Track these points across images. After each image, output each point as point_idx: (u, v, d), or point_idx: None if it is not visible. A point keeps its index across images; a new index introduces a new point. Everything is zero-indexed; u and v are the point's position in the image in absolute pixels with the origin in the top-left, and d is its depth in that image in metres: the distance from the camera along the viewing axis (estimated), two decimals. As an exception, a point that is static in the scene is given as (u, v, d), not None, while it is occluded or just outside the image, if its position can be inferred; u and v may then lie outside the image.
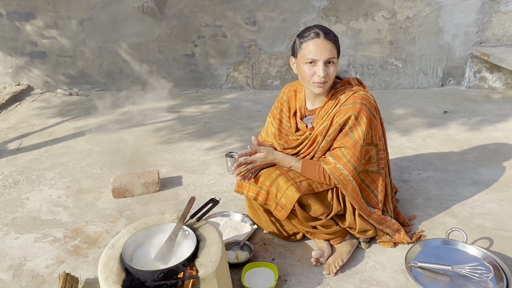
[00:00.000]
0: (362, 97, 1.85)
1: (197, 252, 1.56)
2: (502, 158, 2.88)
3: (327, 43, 1.79)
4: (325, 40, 1.79)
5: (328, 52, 1.79)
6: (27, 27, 4.22)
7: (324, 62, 1.79)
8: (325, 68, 1.80)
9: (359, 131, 1.84)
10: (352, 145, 1.84)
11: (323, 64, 1.79)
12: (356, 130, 1.84)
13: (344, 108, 1.85)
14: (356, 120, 1.83)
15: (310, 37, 1.80)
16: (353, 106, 1.83)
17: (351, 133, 1.84)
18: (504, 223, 2.19)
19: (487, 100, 4.00)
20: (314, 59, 1.80)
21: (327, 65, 1.81)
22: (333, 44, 1.81)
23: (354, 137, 1.84)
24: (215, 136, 3.38)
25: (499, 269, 1.79)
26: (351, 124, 1.84)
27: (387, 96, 4.16)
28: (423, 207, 2.36)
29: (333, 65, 1.83)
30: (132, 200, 2.51)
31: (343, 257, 1.93)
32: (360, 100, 1.84)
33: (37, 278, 1.92)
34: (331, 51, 1.79)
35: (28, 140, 3.36)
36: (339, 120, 1.84)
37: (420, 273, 1.80)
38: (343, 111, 1.85)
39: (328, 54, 1.79)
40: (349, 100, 1.85)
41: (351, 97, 1.86)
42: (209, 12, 4.16)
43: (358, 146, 1.84)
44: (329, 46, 1.79)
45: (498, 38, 4.13)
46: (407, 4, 4.02)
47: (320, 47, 1.78)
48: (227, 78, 4.47)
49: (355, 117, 1.83)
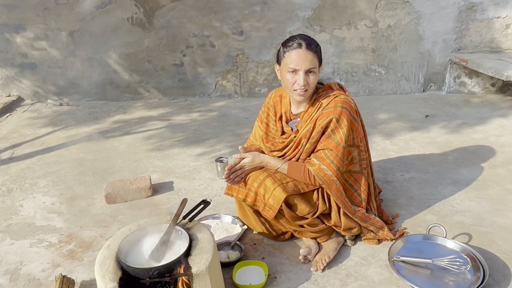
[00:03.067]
0: (343, 100, 1.96)
1: (190, 250, 1.63)
2: (481, 158, 3.00)
3: (308, 53, 1.89)
4: (306, 51, 1.89)
5: (309, 62, 1.89)
6: (17, 39, 4.28)
7: (304, 71, 1.89)
8: (306, 77, 1.90)
9: (340, 133, 1.93)
10: (335, 147, 1.93)
11: (304, 73, 1.89)
12: (338, 132, 1.94)
13: (326, 111, 1.94)
14: (337, 123, 1.93)
15: (293, 47, 1.90)
16: (334, 109, 1.93)
17: (333, 135, 1.94)
18: (482, 219, 2.31)
19: (467, 104, 4.16)
20: (295, 69, 1.90)
21: (307, 74, 1.91)
22: (314, 54, 1.90)
23: (336, 139, 1.93)
24: (204, 142, 3.46)
25: (476, 260, 1.90)
26: (333, 127, 1.93)
27: (371, 102, 4.29)
28: (405, 206, 2.46)
29: (314, 74, 1.92)
30: (125, 205, 2.57)
31: (329, 254, 2.02)
32: (341, 103, 1.94)
33: (34, 282, 1.97)
34: (311, 61, 1.89)
35: (20, 150, 3.40)
36: (322, 123, 1.94)
37: (403, 267, 1.90)
38: (325, 114, 1.94)
39: (309, 64, 1.89)
40: (330, 104, 1.95)
41: (332, 101, 1.96)
42: (196, 22, 4.26)
43: (341, 148, 1.94)
44: (309, 56, 1.89)
45: (475, 45, 4.31)
46: (388, 13, 4.18)
47: (301, 58, 1.88)
48: (215, 87, 4.56)
49: (336, 120, 1.92)
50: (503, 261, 1.98)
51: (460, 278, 1.82)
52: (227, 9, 4.20)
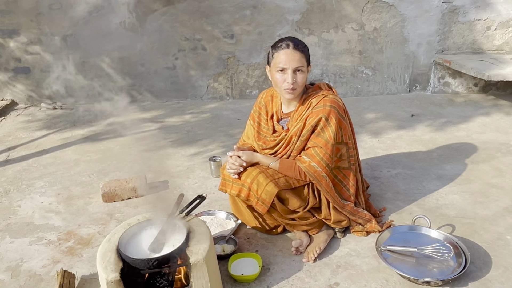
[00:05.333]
0: (331, 100, 2.05)
1: (188, 242, 1.71)
2: (464, 155, 3.13)
3: (295, 53, 1.98)
4: (294, 51, 1.98)
5: (297, 61, 1.98)
6: (10, 43, 4.32)
7: (293, 70, 1.98)
8: (294, 75, 1.99)
9: (329, 131, 2.02)
10: (324, 144, 2.03)
11: (292, 72, 1.99)
12: (327, 131, 2.03)
13: (316, 110, 2.04)
14: (326, 121, 2.02)
15: (281, 47, 2.00)
16: (323, 108, 2.03)
17: (322, 133, 2.03)
18: (465, 212, 2.42)
19: (451, 103, 4.30)
20: (284, 67, 1.99)
21: (295, 73, 2.00)
22: (301, 54, 1.99)
23: (326, 137, 2.03)
24: (198, 143, 3.54)
25: (458, 248, 2.00)
26: (322, 125, 2.02)
27: (358, 103, 4.41)
28: (392, 200, 2.57)
29: (302, 73, 2.01)
30: (122, 204, 2.64)
31: (320, 245, 2.11)
32: (330, 103, 2.04)
33: (35, 277, 2.03)
34: (299, 60, 1.98)
35: (15, 152, 3.45)
36: (311, 121, 2.03)
37: (389, 255, 2.00)
38: (314, 113, 2.03)
39: (296, 63, 1.98)
40: (319, 103, 2.05)
41: (321, 100, 2.05)
42: (188, 26, 4.35)
43: (330, 145, 2.03)
44: (297, 56, 1.98)
45: (458, 46, 4.45)
46: (374, 17, 4.31)
47: (289, 57, 1.98)
48: (207, 89, 4.65)
49: (325, 118, 2.02)
50: (484, 249, 2.08)
51: (444, 265, 1.93)
52: (218, 13, 4.30)
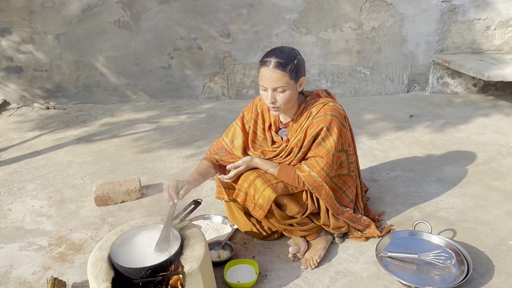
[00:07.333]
0: (332, 108, 1.98)
1: (182, 249, 1.66)
2: (464, 157, 3.08)
3: (274, 73, 1.84)
4: (273, 70, 1.84)
5: (274, 81, 1.85)
6: (2, 42, 4.23)
7: (272, 89, 1.88)
8: (273, 94, 1.88)
9: (331, 141, 1.96)
10: (325, 154, 1.96)
11: (272, 91, 1.88)
12: (328, 140, 1.96)
13: (316, 120, 1.96)
14: (328, 131, 1.95)
15: (264, 64, 1.87)
16: (324, 118, 1.95)
17: (323, 143, 1.96)
18: (466, 216, 2.37)
19: (450, 104, 4.25)
20: (264, 86, 1.90)
21: (276, 92, 1.89)
22: (282, 73, 1.84)
23: (327, 147, 1.96)
24: (193, 144, 3.48)
25: (460, 255, 1.96)
26: (324, 135, 1.95)
27: (356, 103, 4.36)
28: (391, 203, 2.52)
29: (284, 92, 1.88)
30: (115, 207, 2.58)
31: (319, 252, 2.06)
32: (331, 111, 1.97)
33: (24, 285, 1.97)
34: (277, 80, 1.85)
35: (6, 154, 3.38)
36: (312, 132, 1.96)
37: (390, 262, 1.95)
38: (315, 123, 1.96)
39: (274, 83, 1.86)
40: (320, 112, 1.97)
41: (322, 109, 1.97)
42: (184, 25, 4.28)
43: (331, 155, 1.96)
44: (275, 76, 1.84)
45: (457, 46, 4.41)
46: (372, 16, 4.26)
47: (267, 76, 1.86)
48: (203, 89, 4.58)
49: (327, 128, 1.95)
50: (486, 255, 2.04)
51: (445, 272, 1.89)
52: (214, 12, 4.23)
